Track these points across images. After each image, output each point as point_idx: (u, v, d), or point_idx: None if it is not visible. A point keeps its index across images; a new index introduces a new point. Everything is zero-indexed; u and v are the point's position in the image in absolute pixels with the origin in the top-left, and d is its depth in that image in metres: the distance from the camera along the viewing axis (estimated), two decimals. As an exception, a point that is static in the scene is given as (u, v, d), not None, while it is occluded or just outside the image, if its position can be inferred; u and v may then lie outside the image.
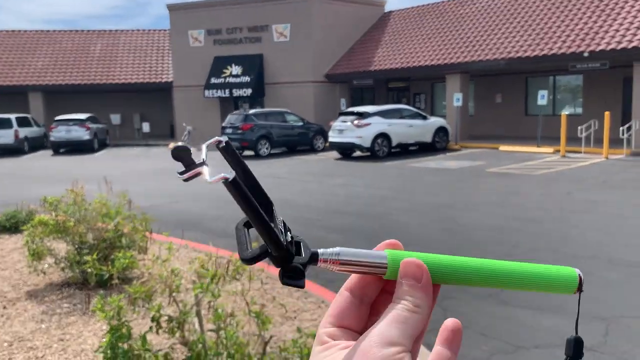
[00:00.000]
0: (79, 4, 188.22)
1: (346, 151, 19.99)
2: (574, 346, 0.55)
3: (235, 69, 28.54)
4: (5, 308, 5.31)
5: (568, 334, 0.56)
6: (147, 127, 31.11)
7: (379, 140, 19.14)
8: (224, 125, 22.07)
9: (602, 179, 13.08)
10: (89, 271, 5.04)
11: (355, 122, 19.08)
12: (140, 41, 34.51)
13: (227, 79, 28.62)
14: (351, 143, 19.25)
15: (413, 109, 21.54)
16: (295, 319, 4.97)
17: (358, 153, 19.89)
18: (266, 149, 21.39)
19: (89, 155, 24.18)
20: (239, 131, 20.80)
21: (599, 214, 9.24)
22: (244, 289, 3.92)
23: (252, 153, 20.89)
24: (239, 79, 28.37)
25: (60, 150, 26.00)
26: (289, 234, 0.53)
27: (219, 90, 28.68)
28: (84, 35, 34.80)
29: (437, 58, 24.34)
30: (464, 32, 24.94)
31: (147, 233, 5.88)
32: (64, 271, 6.00)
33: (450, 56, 23.93)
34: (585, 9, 21.63)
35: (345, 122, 19.41)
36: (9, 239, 8.02)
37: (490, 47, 22.89)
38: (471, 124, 24.57)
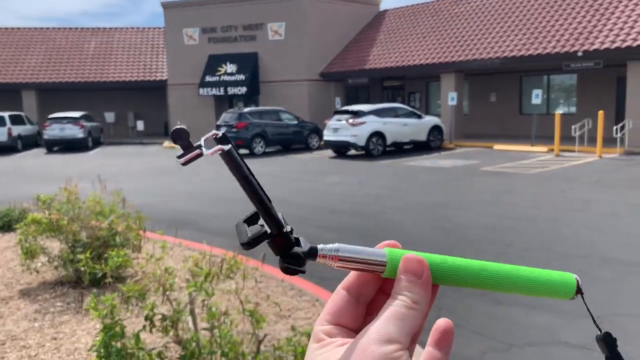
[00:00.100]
0: (73, 1, 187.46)
1: (341, 150, 20.00)
2: (608, 343, 0.56)
3: (230, 67, 28.50)
4: (-2, 307, 5.29)
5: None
6: (142, 126, 31.01)
7: (373, 138, 19.16)
8: (218, 123, 22.07)
9: (596, 177, 13.14)
10: (83, 270, 5.02)
11: (350, 121, 19.09)
12: (135, 39, 34.39)
13: (222, 77, 28.57)
14: (346, 142, 19.27)
15: (408, 107, 21.56)
16: (290, 317, 4.97)
17: (353, 152, 19.90)
18: (261, 147, 21.38)
19: (82, 154, 24.09)
20: (234, 129, 20.76)
21: (593, 213, 9.28)
22: (238, 287, 3.91)
23: (247, 151, 20.87)
24: (233, 77, 28.33)
25: (54, 149, 25.89)
26: (289, 227, 0.53)
27: (214, 89, 28.64)
28: (78, 33, 34.64)
29: (432, 57, 24.38)
30: (459, 31, 24.99)
31: (141, 231, 5.87)
32: (57, 270, 5.98)
33: (444, 55, 23.98)
34: (579, 8, 21.70)
35: (340, 121, 19.43)
36: (2, 238, 7.99)
37: (485, 46, 22.95)
38: (466, 123, 24.63)
